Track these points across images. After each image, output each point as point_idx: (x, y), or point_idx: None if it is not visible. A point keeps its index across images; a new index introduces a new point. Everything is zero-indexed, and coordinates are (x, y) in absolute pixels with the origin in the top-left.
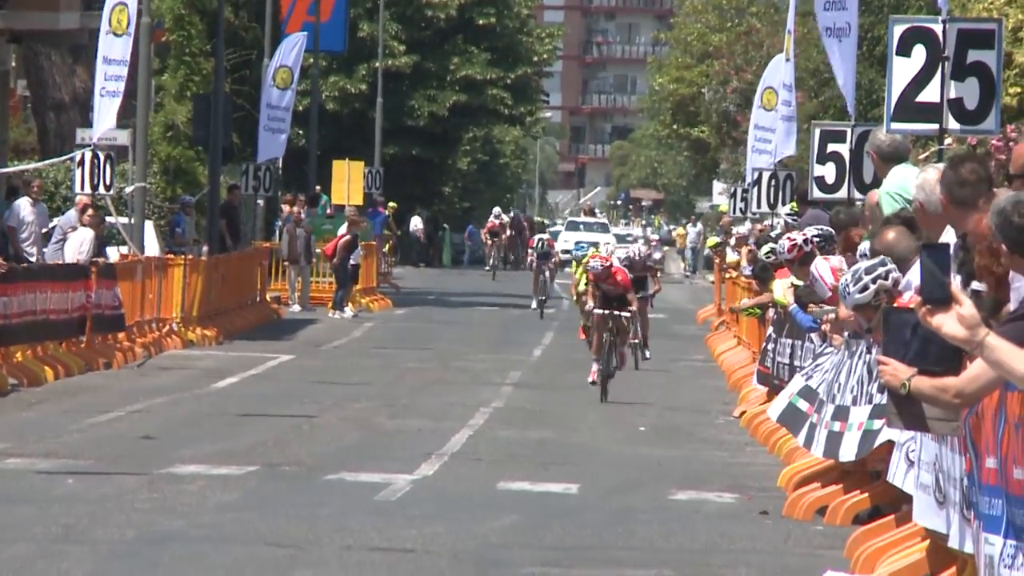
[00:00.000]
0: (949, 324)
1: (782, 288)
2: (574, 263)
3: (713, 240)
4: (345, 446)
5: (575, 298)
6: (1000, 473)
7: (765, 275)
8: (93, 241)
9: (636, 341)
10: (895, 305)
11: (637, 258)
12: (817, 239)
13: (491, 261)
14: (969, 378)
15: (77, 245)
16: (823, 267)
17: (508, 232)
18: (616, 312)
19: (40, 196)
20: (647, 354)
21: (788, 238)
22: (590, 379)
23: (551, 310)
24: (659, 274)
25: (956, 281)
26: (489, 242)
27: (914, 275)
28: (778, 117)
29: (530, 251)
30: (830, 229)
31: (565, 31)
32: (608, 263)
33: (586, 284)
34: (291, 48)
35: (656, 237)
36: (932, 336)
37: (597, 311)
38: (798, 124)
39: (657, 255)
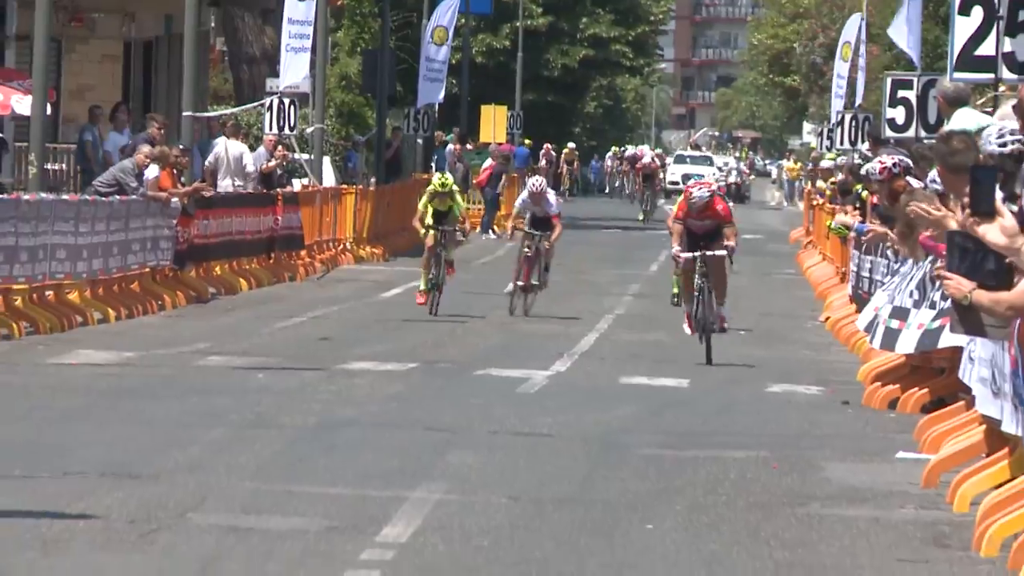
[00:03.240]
0: (992, 232)
1: (838, 220)
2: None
3: (792, 166)
4: (491, 346)
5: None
6: None
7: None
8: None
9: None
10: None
11: (695, 197)
12: (903, 163)
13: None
14: (1020, 292)
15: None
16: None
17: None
18: (708, 252)
19: (236, 135)
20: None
21: (879, 160)
22: (686, 329)
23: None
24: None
25: (999, 197)
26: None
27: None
28: (860, 68)
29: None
30: (908, 160)
31: None
32: (710, 190)
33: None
34: (446, 10)
35: (745, 168)
36: (987, 254)
37: (685, 255)
38: (875, 74)
39: (729, 181)
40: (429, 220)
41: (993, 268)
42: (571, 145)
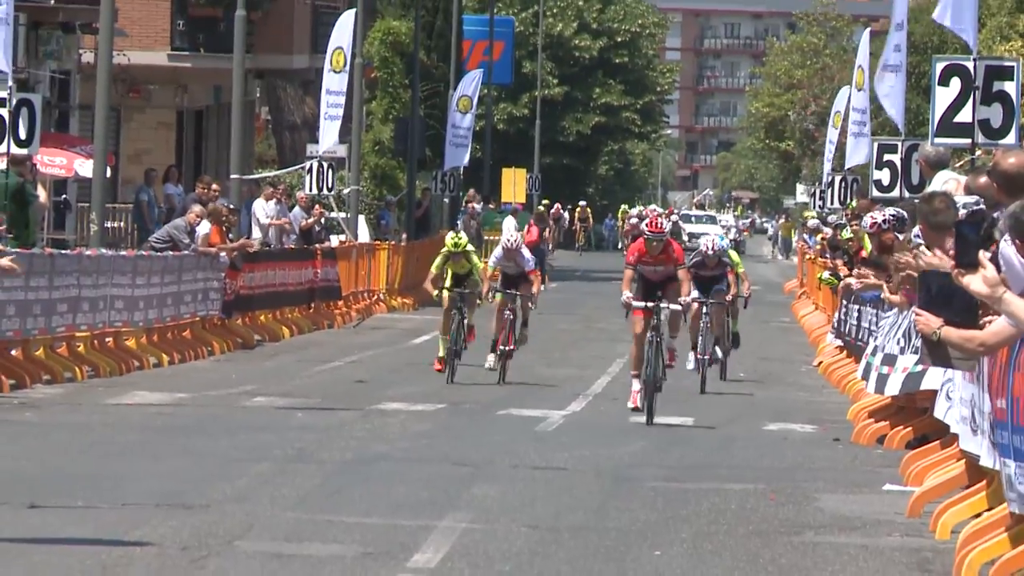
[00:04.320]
0: (976, 283)
1: (827, 273)
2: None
3: (785, 224)
4: (512, 389)
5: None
6: (1010, 412)
7: (835, 248)
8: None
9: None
10: (926, 269)
11: (710, 252)
12: (893, 219)
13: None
14: (992, 332)
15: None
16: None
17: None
18: (661, 304)
19: (281, 196)
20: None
21: (871, 216)
22: (630, 404)
23: None
24: (740, 271)
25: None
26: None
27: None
28: (849, 134)
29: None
30: (903, 212)
31: (682, 67)
32: (662, 230)
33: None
34: (470, 82)
35: (744, 224)
36: (956, 293)
37: (638, 304)
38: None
39: (729, 238)
40: (448, 283)
41: (960, 306)
42: (582, 203)
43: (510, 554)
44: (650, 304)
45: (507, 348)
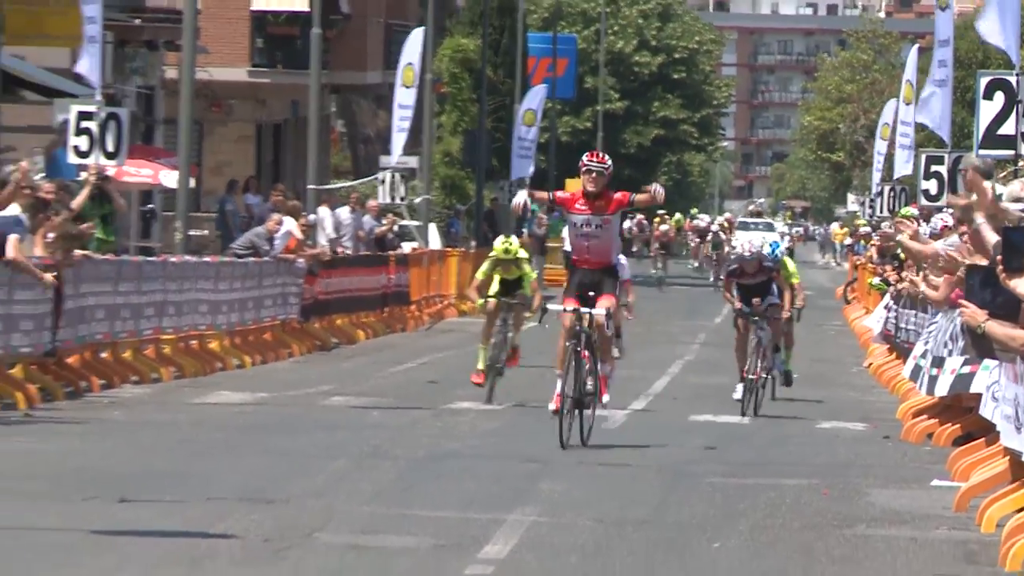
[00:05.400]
0: (1021, 286)
1: (877, 279)
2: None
3: (838, 231)
4: None
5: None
6: None
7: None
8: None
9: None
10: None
11: (747, 254)
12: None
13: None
14: None
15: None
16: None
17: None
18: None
19: (357, 206)
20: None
21: (941, 219)
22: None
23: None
24: (795, 281)
25: None
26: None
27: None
28: (898, 146)
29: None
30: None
31: (737, 82)
32: (604, 160)
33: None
34: (535, 96)
35: (797, 232)
36: (999, 290)
37: (554, 307)
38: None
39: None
40: (495, 289)
41: (1005, 302)
42: (678, 216)
43: (576, 546)
44: (568, 308)
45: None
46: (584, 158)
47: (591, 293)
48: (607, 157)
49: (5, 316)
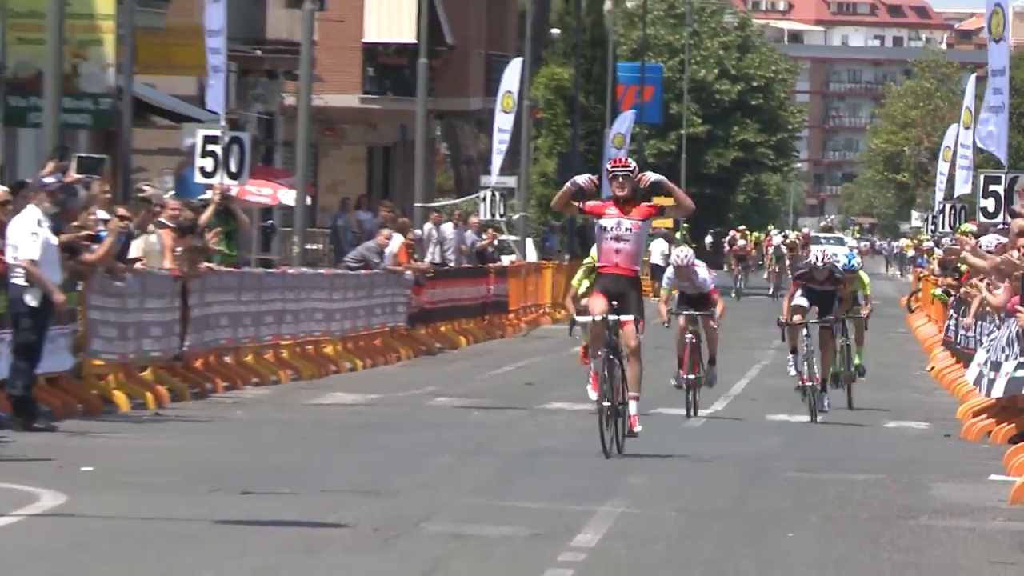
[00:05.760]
0: None
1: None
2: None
3: (908, 244)
4: (662, 390)
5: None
6: None
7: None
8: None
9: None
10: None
11: (819, 264)
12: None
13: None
14: None
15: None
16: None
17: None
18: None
19: (459, 222)
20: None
21: (996, 238)
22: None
23: None
24: (866, 292)
25: None
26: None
27: None
28: (958, 167)
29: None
30: None
31: (810, 108)
32: (627, 164)
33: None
34: (624, 121)
35: (864, 245)
36: None
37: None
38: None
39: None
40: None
41: None
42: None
43: (661, 535)
44: (598, 317)
45: (691, 377)
46: (608, 166)
47: (614, 303)
48: (631, 160)
49: (137, 323)
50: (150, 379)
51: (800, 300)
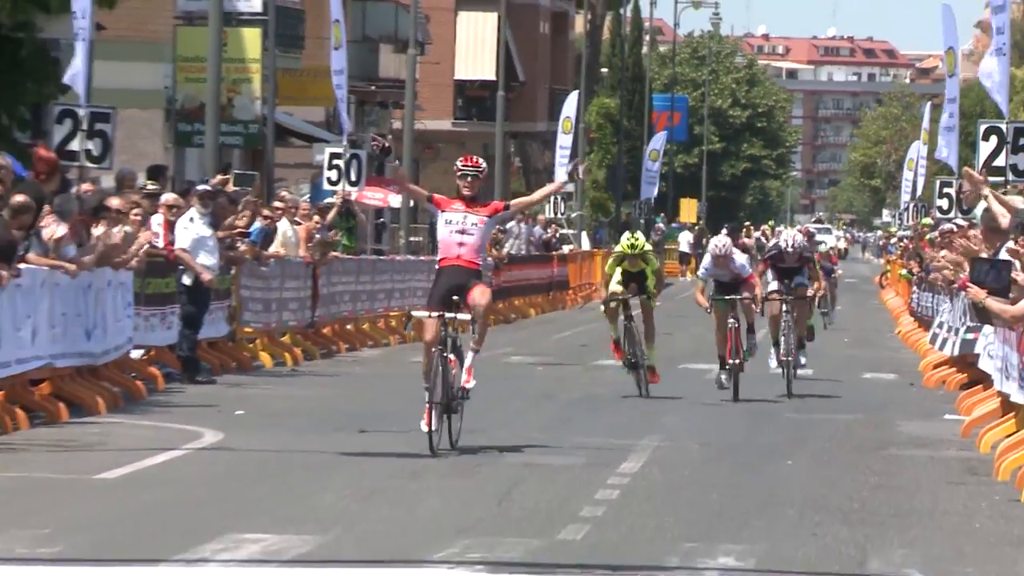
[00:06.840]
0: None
1: (905, 271)
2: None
3: (884, 234)
4: (687, 348)
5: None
6: None
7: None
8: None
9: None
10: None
11: (789, 249)
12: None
13: None
14: (1017, 311)
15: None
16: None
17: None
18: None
19: (529, 219)
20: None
21: (951, 228)
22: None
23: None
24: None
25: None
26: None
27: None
28: (918, 175)
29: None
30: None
31: (802, 129)
32: (478, 164)
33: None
34: (658, 140)
35: (848, 235)
36: (996, 277)
37: (418, 314)
38: (929, 178)
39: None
40: (616, 282)
41: (995, 285)
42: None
43: (688, 463)
44: (434, 314)
45: (736, 362)
46: (459, 163)
47: (455, 297)
48: (481, 160)
49: (279, 299)
50: (288, 343)
51: (772, 284)
